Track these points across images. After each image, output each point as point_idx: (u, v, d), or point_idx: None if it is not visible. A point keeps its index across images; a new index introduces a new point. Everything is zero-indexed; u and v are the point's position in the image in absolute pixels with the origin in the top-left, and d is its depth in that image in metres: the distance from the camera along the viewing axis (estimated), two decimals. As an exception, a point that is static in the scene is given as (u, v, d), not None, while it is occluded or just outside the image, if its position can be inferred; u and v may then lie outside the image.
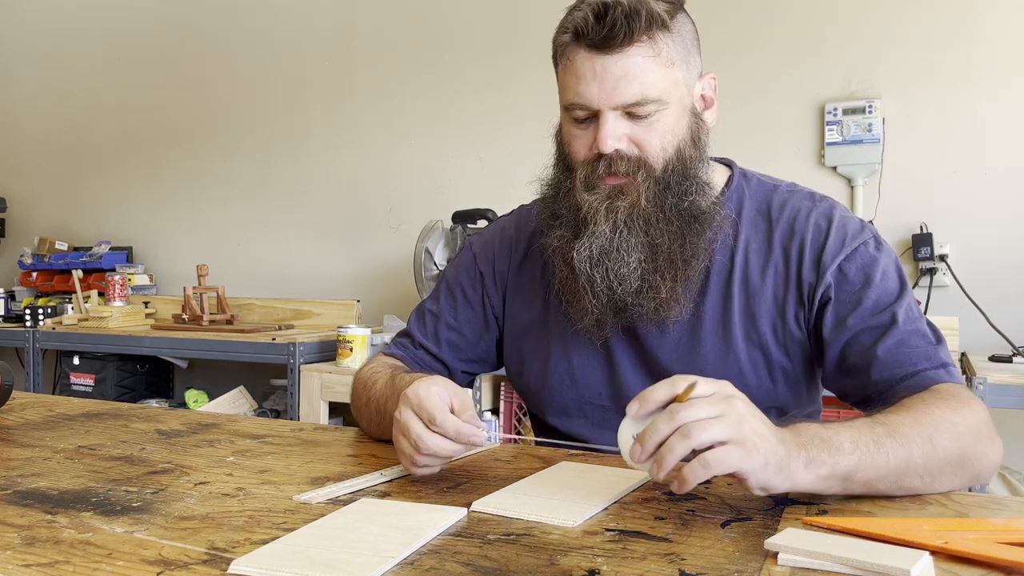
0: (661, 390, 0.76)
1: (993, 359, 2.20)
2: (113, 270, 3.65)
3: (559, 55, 1.04)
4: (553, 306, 1.15)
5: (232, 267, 3.69)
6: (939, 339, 1.00)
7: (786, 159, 2.71)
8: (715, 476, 0.72)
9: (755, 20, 2.77)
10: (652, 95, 0.99)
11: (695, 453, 0.72)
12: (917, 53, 2.57)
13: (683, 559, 0.65)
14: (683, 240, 1.03)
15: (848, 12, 2.65)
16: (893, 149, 2.59)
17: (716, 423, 0.72)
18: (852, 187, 2.63)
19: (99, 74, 4.09)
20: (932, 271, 2.51)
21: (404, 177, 3.36)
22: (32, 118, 4.31)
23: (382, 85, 3.41)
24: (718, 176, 1.12)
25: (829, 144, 2.64)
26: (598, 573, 0.62)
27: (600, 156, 1.01)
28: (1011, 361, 2.17)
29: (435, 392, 0.87)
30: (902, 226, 2.57)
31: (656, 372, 1.09)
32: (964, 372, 2.08)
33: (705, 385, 0.75)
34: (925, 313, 2.48)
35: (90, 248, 3.87)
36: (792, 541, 0.65)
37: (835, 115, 2.62)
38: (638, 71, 0.98)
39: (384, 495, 0.84)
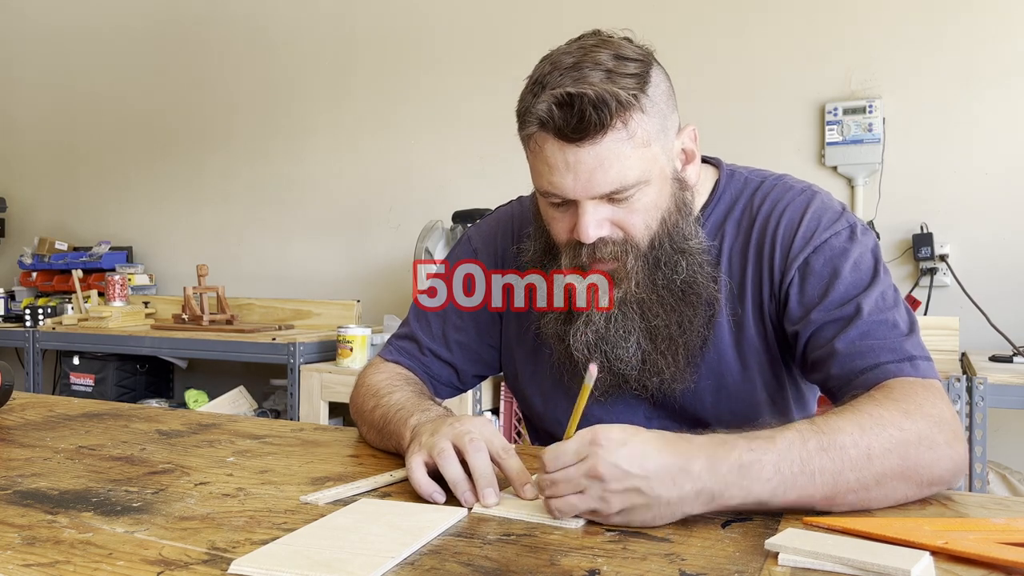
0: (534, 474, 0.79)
1: (993, 359, 2.20)
2: (113, 270, 3.65)
3: (525, 140, 0.98)
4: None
5: (232, 267, 3.69)
6: (911, 329, 0.95)
7: (786, 159, 2.71)
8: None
9: (755, 20, 2.77)
10: (631, 180, 0.93)
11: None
12: (917, 53, 2.57)
13: (683, 559, 0.65)
14: (680, 315, 1.00)
15: (848, 12, 2.65)
16: (893, 149, 2.59)
17: (578, 501, 0.73)
18: (852, 187, 2.63)
19: (99, 74, 4.09)
20: (932, 271, 2.51)
21: (404, 177, 3.36)
22: (32, 118, 4.31)
23: (382, 85, 3.41)
24: (705, 179, 1.09)
25: (829, 144, 2.64)
26: (598, 573, 0.62)
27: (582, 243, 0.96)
28: (1011, 361, 2.16)
29: (494, 431, 0.87)
30: (902, 226, 2.57)
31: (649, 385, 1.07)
32: (964, 372, 2.07)
33: (569, 457, 0.74)
34: (925, 313, 2.50)
35: (90, 248, 3.87)
36: (792, 541, 0.65)
37: (835, 115, 2.62)
38: (614, 158, 0.91)
39: (385, 495, 0.84)
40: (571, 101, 0.89)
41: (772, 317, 1.04)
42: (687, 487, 0.72)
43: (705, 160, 1.11)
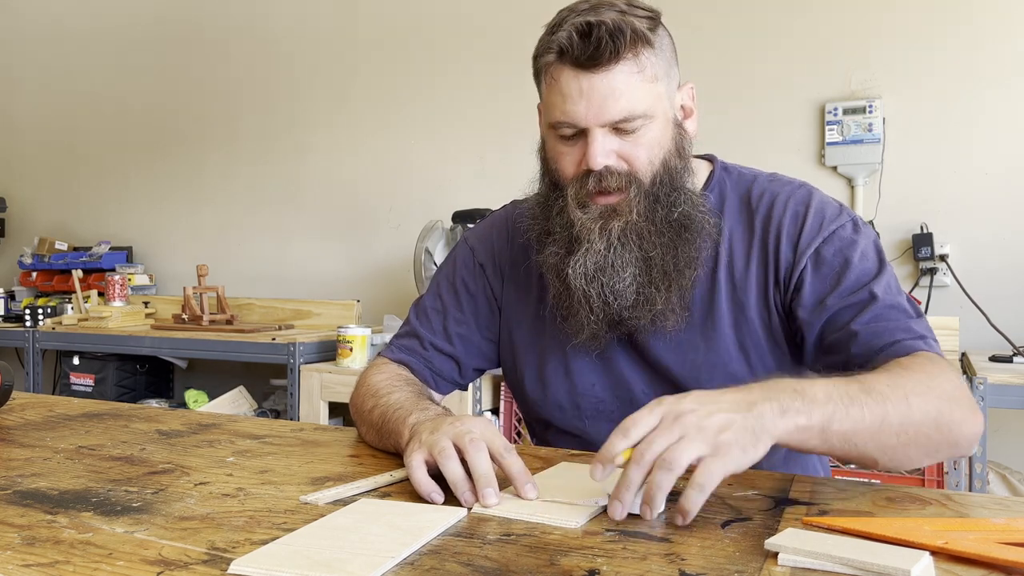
0: (615, 445, 0.76)
1: (993, 359, 2.20)
2: (113, 270, 3.65)
3: (543, 74, 1.04)
4: (547, 304, 1.14)
5: (232, 267, 3.69)
6: (918, 313, 1.02)
7: (786, 159, 2.71)
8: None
9: (755, 20, 2.77)
10: (639, 111, 0.99)
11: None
12: (917, 53, 2.57)
13: (683, 559, 0.65)
14: (675, 251, 1.05)
15: (848, 12, 2.65)
16: (893, 149, 2.59)
17: (685, 445, 0.72)
18: (852, 187, 2.63)
19: (99, 74, 4.09)
20: (932, 271, 2.51)
21: (404, 177, 3.36)
22: (32, 118, 4.31)
23: (382, 85, 3.41)
24: (700, 172, 1.13)
25: (829, 144, 2.64)
26: (598, 573, 0.62)
27: (589, 172, 1.02)
28: (1011, 361, 2.17)
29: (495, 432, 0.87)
30: (902, 226, 2.57)
31: (650, 362, 1.11)
32: (964, 372, 2.08)
33: (648, 416, 0.76)
34: (925, 312, 2.50)
35: (90, 248, 3.87)
36: (792, 541, 0.65)
37: (835, 115, 2.62)
38: (624, 88, 0.99)
39: (385, 495, 0.84)
40: (589, 30, 0.97)
41: (777, 304, 1.07)
42: (758, 399, 0.77)
43: (699, 156, 1.16)
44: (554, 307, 1.11)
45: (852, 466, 1.97)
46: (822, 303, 1.03)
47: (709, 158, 1.17)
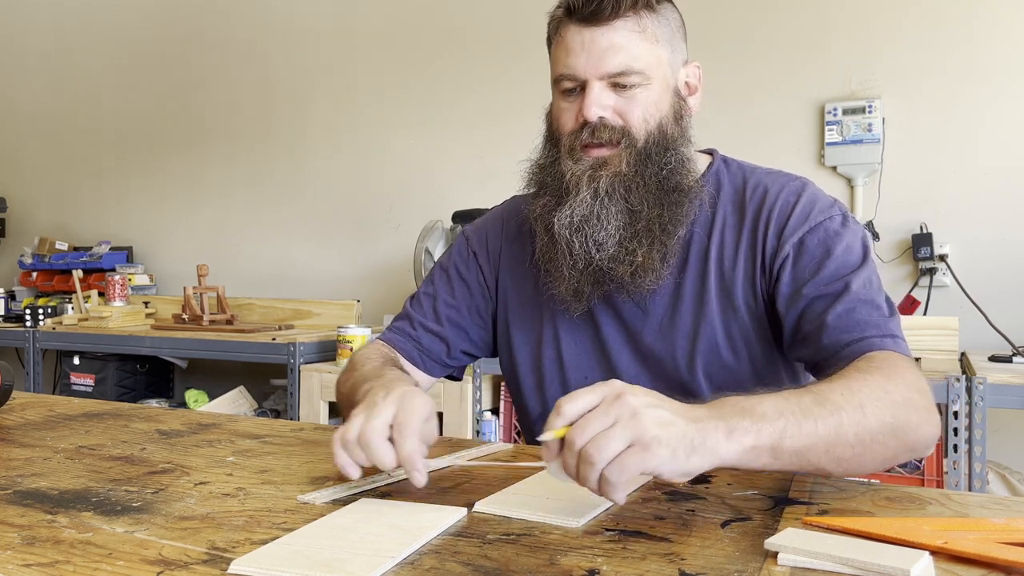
0: (550, 422, 0.74)
1: (993, 359, 2.20)
2: (113, 270, 3.65)
3: (552, 32, 1.10)
4: (543, 292, 1.16)
5: (232, 267, 3.69)
6: (892, 312, 1.01)
7: (786, 159, 2.71)
8: (643, 479, 0.71)
9: (756, 20, 2.77)
10: (636, 67, 1.03)
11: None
12: (917, 53, 2.57)
13: (683, 559, 0.65)
14: (662, 208, 1.06)
15: (848, 12, 2.65)
16: (893, 149, 2.59)
17: (611, 433, 0.69)
18: (852, 187, 2.63)
19: (99, 74, 4.09)
20: (932, 271, 2.51)
21: (404, 177, 3.36)
22: (32, 118, 4.31)
23: (382, 85, 3.41)
24: (700, 163, 1.16)
25: (829, 144, 2.64)
26: (598, 573, 0.62)
27: (585, 125, 1.05)
28: (1011, 361, 2.17)
29: (422, 405, 0.84)
30: (902, 226, 2.57)
31: (642, 350, 1.13)
32: (964, 372, 2.07)
33: (588, 395, 0.73)
34: (925, 313, 2.50)
35: (90, 248, 3.88)
36: (792, 541, 0.65)
37: (835, 115, 2.62)
38: (624, 43, 1.03)
39: (384, 495, 0.84)
40: None
41: (763, 292, 1.08)
42: (704, 416, 0.73)
43: (701, 151, 1.18)
44: (538, 259, 1.13)
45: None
46: (799, 292, 1.03)
47: (710, 151, 1.19)
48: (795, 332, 1.04)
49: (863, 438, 0.80)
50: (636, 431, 0.69)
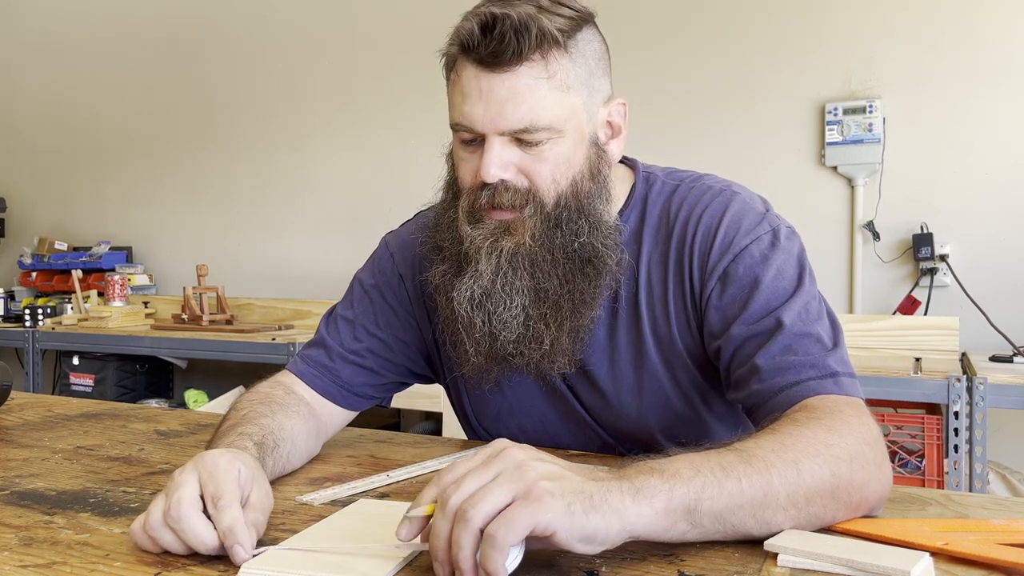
0: (423, 494, 0.63)
1: (993, 359, 2.20)
2: (113, 270, 3.65)
3: (448, 67, 0.94)
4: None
5: (232, 267, 3.69)
6: (836, 343, 0.88)
7: (786, 159, 2.71)
8: (530, 544, 0.59)
9: (755, 20, 2.76)
10: (543, 122, 0.88)
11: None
12: (917, 53, 2.57)
13: (683, 559, 0.65)
14: (572, 285, 0.93)
15: (848, 12, 2.65)
16: (893, 149, 2.59)
17: (491, 487, 0.59)
18: (852, 187, 2.63)
19: (99, 74, 4.09)
20: (933, 271, 2.51)
21: (404, 177, 3.36)
22: (32, 118, 4.31)
23: (382, 85, 3.41)
24: (622, 184, 1.02)
25: (829, 144, 2.64)
26: (597, 573, 0.62)
27: (485, 185, 0.90)
28: (1011, 361, 2.17)
29: (238, 471, 0.70)
30: (903, 226, 2.57)
31: (598, 420, 1.03)
32: (964, 372, 2.07)
33: (469, 462, 0.63)
34: (926, 313, 2.50)
35: (90, 248, 3.88)
36: (792, 542, 0.65)
37: (835, 115, 2.62)
38: (527, 93, 0.87)
39: (382, 496, 0.84)
40: (493, 24, 0.86)
41: (697, 331, 0.97)
42: (606, 476, 0.64)
43: (620, 161, 1.03)
44: (443, 331, 0.99)
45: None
46: (727, 331, 0.91)
47: (631, 163, 1.04)
48: (727, 376, 0.93)
49: (796, 500, 0.68)
50: (522, 483, 0.59)
